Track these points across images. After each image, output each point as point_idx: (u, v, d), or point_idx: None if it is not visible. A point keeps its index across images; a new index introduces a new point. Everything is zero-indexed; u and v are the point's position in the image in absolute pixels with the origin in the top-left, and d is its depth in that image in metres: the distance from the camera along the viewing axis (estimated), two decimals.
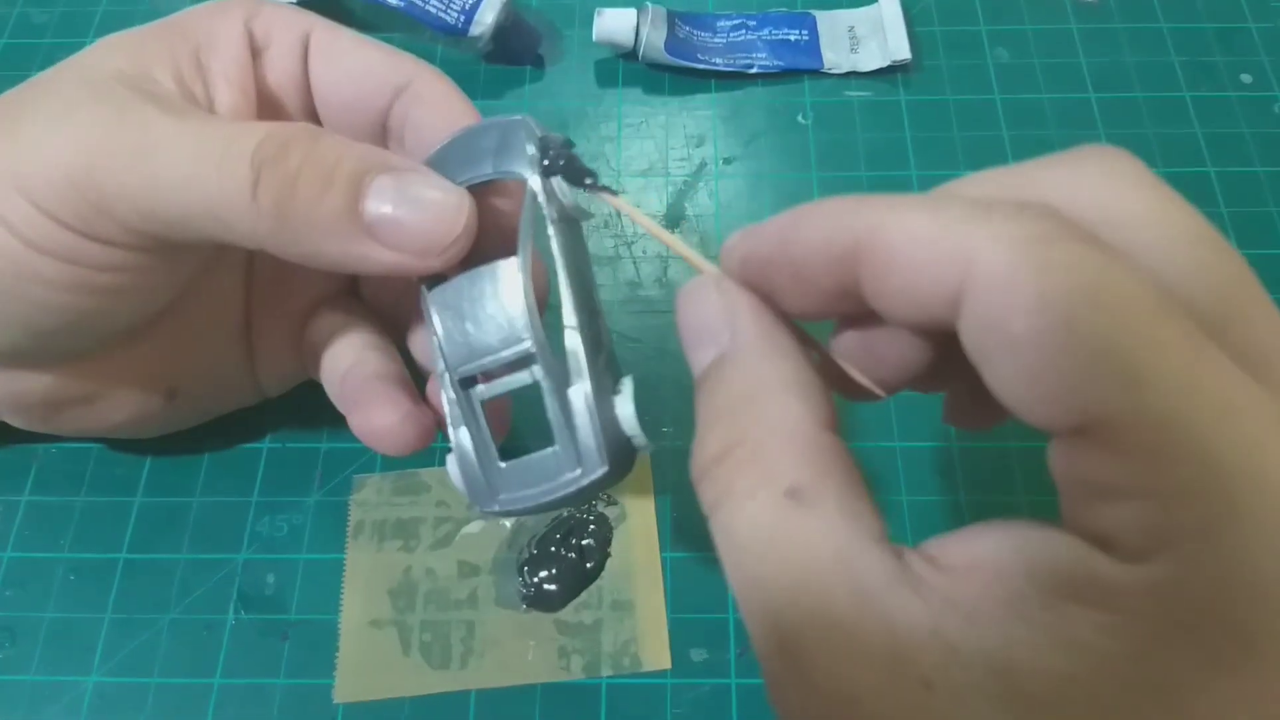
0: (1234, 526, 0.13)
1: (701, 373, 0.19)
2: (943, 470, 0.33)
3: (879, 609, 0.15)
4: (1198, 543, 0.13)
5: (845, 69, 0.43)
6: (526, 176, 0.22)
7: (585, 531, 0.32)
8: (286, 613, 0.31)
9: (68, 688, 0.30)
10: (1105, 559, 0.14)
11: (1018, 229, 0.15)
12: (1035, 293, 0.14)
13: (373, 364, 0.27)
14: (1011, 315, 0.14)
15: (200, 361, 0.30)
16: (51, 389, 0.27)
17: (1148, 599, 0.14)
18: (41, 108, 0.23)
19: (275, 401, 0.34)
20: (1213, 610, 0.13)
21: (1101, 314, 0.14)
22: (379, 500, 0.33)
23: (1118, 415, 0.14)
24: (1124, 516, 0.14)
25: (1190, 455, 0.13)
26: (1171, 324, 0.14)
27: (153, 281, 0.25)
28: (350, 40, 0.27)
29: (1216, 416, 0.13)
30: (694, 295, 0.19)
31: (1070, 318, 0.14)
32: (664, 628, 0.31)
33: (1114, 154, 0.17)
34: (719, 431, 0.17)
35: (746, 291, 0.19)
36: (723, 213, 0.39)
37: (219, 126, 0.22)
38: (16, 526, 0.33)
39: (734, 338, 0.18)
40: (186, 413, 0.31)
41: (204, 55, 0.25)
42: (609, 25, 0.42)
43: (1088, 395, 0.14)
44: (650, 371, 0.35)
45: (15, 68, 0.44)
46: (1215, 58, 0.43)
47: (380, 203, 0.22)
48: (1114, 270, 0.14)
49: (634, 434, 0.22)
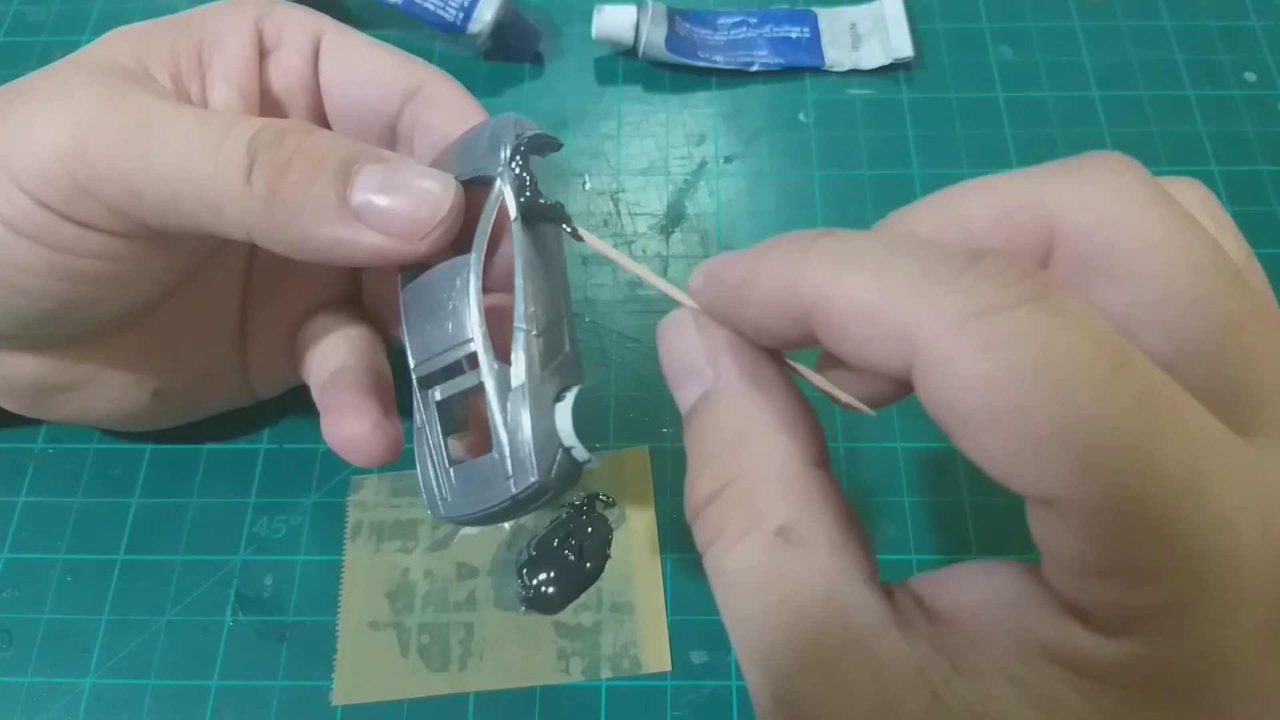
0: (1202, 605, 0.13)
1: (688, 410, 0.19)
2: (944, 471, 0.33)
3: (868, 651, 0.15)
4: (1166, 621, 0.13)
5: (847, 67, 0.43)
6: (494, 174, 0.22)
7: (585, 533, 0.32)
8: (284, 614, 0.31)
9: (65, 689, 0.30)
10: (1083, 631, 0.14)
11: (961, 302, 0.14)
12: (977, 377, 0.13)
13: (354, 371, 0.27)
14: (958, 398, 0.14)
15: (191, 359, 0.29)
16: (38, 373, 0.27)
17: (1123, 671, 0.14)
18: (36, 92, 0.23)
19: (273, 402, 0.34)
20: (1186, 684, 0.13)
21: (1047, 393, 0.13)
22: (377, 501, 0.33)
23: (1074, 498, 0.13)
24: (1095, 593, 0.14)
25: (1149, 536, 0.13)
26: (1127, 392, 0.13)
27: (133, 271, 0.24)
28: (362, 43, 0.27)
29: (1177, 493, 0.13)
30: (673, 331, 0.19)
31: (1017, 399, 0.13)
32: (664, 630, 0.31)
33: (1123, 166, 0.17)
34: (709, 473, 0.17)
35: (723, 328, 0.18)
36: (723, 211, 0.39)
37: (217, 115, 0.22)
38: (13, 527, 0.33)
39: (718, 376, 0.18)
40: (176, 409, 0.31)
41: (207, 52, 0.25)
42: (609, 22, 0.42)
43: (1042, 477, 0.14)
44: (649, 371, 0.35)
45: (11, 65, 0.43)
46: (1219, 56, 0.43)
47: (368, 187, 0.22)
48: (1064, 339, 0.13)
49: (571, 445, 0.21)
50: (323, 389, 0.27)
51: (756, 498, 0.17)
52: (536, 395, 0.21)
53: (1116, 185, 0.16)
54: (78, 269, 0.23)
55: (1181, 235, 0.16)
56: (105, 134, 0.22)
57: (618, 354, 0.36)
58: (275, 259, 0.30)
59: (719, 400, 0.18)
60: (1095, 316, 0.14)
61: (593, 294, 0.25)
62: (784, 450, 0.17)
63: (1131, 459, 0.13)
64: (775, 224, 0.39)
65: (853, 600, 0.16)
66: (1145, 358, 0.14)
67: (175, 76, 0.24)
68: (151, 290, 0.26)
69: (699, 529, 0.18)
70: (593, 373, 0.35)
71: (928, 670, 0.15)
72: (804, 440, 0.17)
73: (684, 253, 0.38)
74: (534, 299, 0.21)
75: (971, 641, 0.15)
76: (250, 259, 0.30)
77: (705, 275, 0.18)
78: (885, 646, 0.15)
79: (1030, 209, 0.17)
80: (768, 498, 0.17)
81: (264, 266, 0.30)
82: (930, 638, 0.15)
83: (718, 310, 0.18)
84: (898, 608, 0.16)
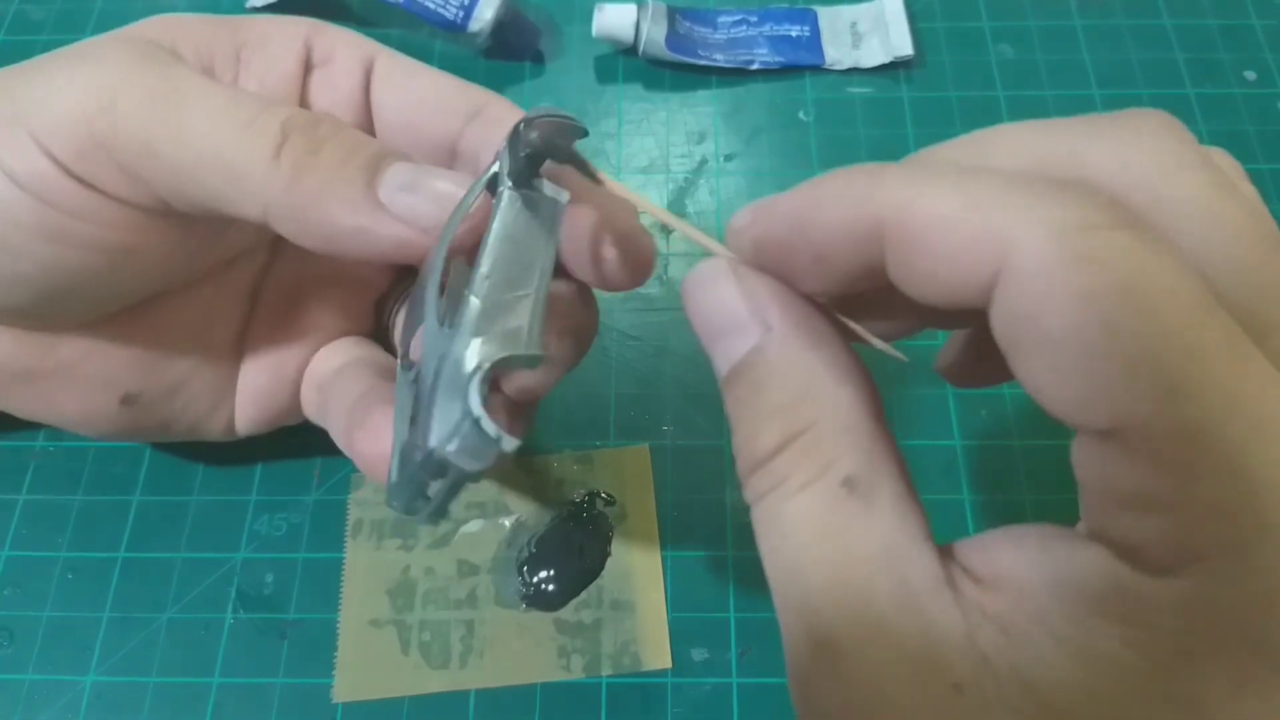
0: (1263, 545, 0.13)
1: (734, 367, 0.18)
2: (946, 468, 0.33)
3: (919, 610, 0.15)
4: (1226, 560, 0.13)
5: (847, 65, 0.43)
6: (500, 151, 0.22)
7: (585, 531, 0.32)
8: (285, 612, 0.31)
9: (66, 687, 0.30)
10: (1130, 570, 0.14)
11: (1058, 214, 0.14)
12: (1073, 289, 0.13)
13: (388, 390, 0.26)
14: (1047, 311, 0.14)
15: (171, 371, 0.28)
16: (6, 351, 0.26)
17: (1173, 614, 0.13)
18: (66, 56, 0.23)
19: None
20: (1239, 628, 0.13)
21: (1141, 316, 0.13)
22: (378, 499, 0.33)
23: (1151, 424, 0.13)
24: (1151, 528, 0.14)
25: (1223, 470, 0.13)
26: (1214, 328, 0.13)
27: (134, 247, 0.24)
28: (418, 66, 0.27)
29: (1253, 431, 0.13)
30: (708, 283, 0.18)
31: (1108, 318, 0.13)
32: (664, 627, 0.31)
33: (1166, 127, 0.16)
34: (777, 425, 0.17)
35: (766, 276, 0.18)
36: (724, 210, 0.39)
37: (253, 95, 0.22)
38: (14, 525, 0.33)
39: (771, 328, 0.17)
40: (145, 423, 0.29)
41: (247, 53, 0.25)
42: (609, 21, 0.42)
43: (1121, 401, 0.13)
44: (649, 369, 0.35)
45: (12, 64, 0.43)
46: (1219, 54, 0.43)
47: (397, 179, 0.22)
48: (1158, 266, 0.13)
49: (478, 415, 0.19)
50: (353, 406, 0.26)
51: (825, 448, 0.16)
52: (458, 361, 0.20)
53: (1158, 147, 0.16)
54: (79, 235, 0.23)
55: (1223, 201, 0.15)
56: (135, 91, 0.21)
57: (618, 352, 0.36)
58: (290, 282, 0.30)
59: (778, 352, 0.17)
60: (1179, 252, 0.14)
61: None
62: (850, 401, 0.17)
63: (1217, 391, 0.13)
64: None
65: (910, 557, 0.15)
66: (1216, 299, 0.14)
67: (208, 69, 0.24)
68: (146, 279, 0.26)
69: (758, 480, 0.17)
70: (593, 371, 0.35)
71: (977, 633, 0.15)
72: (865, 392, 0.17)
73: (684, 251, 0.38)
74: (493, 265, 0.20)
75: (1016, 603, 0.15)
76: (261, 278, 0.30)
77: (754, 209, 0.18)
78: (937, 607, 0.15)
79: (1067, 163, 0.16)
80: (836, 448, 0.16)
81: (276, 289, 0.30)
82: (979, 601, 0.15)
83: (770, 244, 0.17)
84: (949, 570, 0.15)
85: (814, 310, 0.18)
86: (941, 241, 0.15)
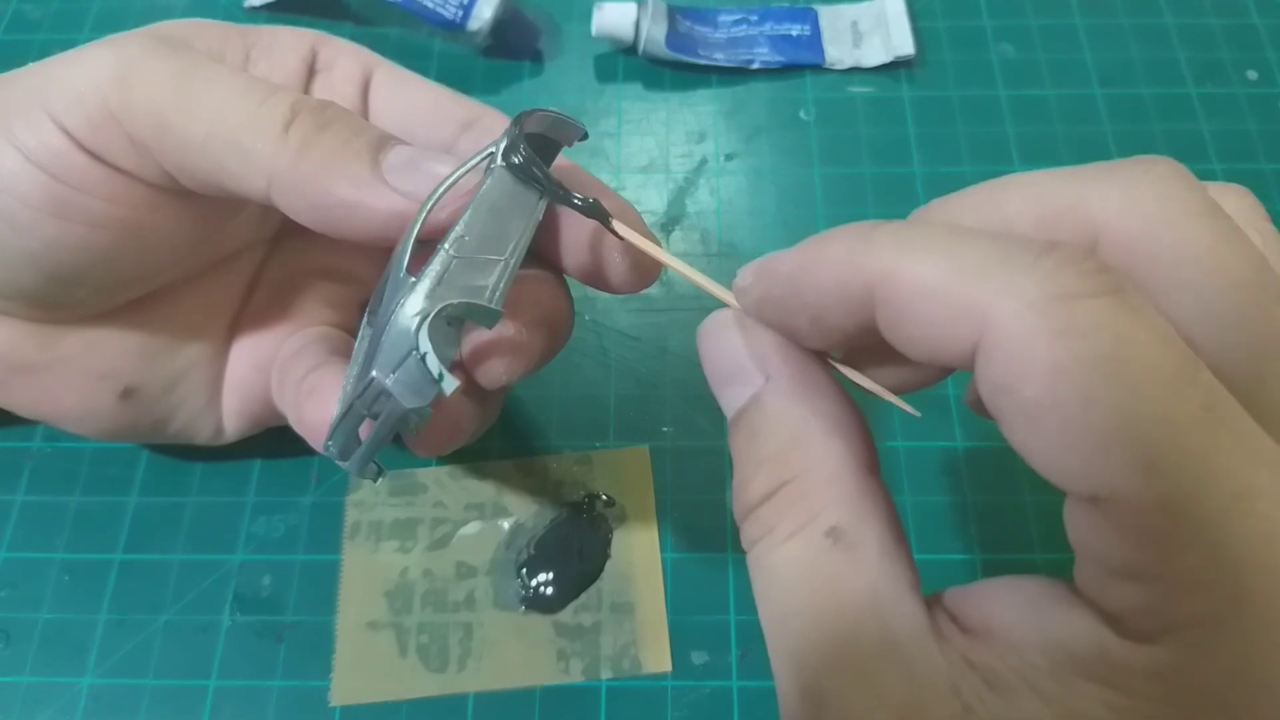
0: (1240, 618, 0.13)
1: (736, 413, 0.19)
2: (947, 471, 0.33)
3: (903, 658, 0.15)
4: (1203, 631, 0.13)
5: (848, 64, 0.42)
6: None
7: (584, 533, 0.32)
8: (282, 614, 0.31)
9: (62, 689, 0.30)
10: (1114, 637, 0.14)
11: (1037, 285, 0.14)
12: (1050, 362, 0.13)
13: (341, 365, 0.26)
14: (1025, 382, 0.14)
15: (169, 364, 0.29)
16: (7, 342, 0.27)
17: (1154, 682, 0.14)
18: (91, 45, 0.24)
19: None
20: (1217, 698, 0.13)
21: (1119, 387, 0.13)
22: (375, 501, 0.33)
23: (1130, 497, 0.13)
24: (1134, 596, 0.14)
25: (1200, 543, 0.13)
26: (1193, 398, 0.13)
27: (140, 225, 0.24)
28: (415, 78, 0.28)
29: (1230, 503, 0.13)
30: (716, 333, 0.19)
31: (1086, 390, 0.13)
32: (664, 630, 0.31)
33: (1172, 174, 0.16)
34: (764, 474, 0.18)
35: (768, 330, 0.19)
36: (724, 209, 0.39)
37: (264, 80, 0.23)
38: (11, 527, 0.33)
39: (769, 378, 0.18)
40: (141, 420, 0.29)
41: (256, 54, 0.26)
42: (609, 20, 0.42)
43: (1101, 473, 0.14)
44: (650, 370, 0.35)
45: (9, 63, 0.43)
46: (1221, 54, 0.43)
47: (399, 158, 0.23)
48: (1137, 335, 0.13)
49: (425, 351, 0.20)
50: (305, 377, 0.26)
51: (811, 498, 0.17)
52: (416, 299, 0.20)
53: (1163, 194, 0.16)
54: (86, 211, 0.23)
55: (1226, 250, 0.15)
56: (151, 67, 0.22)
57: (617, 353, 0.36)
58: (283, 277, 0.30)
59: (772, 402, 0.18)
60: (1163, 319, 0.14)
61: (593, 292, 0.25)
62: (838, 453, 0.17)
63: (1194, 464, 0.13)
64: (776, 222, 0.39)
65: (894, 607, 0.16)
66: (1204, 365, 0.14)
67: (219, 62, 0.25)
68: (150, 265, 0.26)
69: (749, 527, 0.18)
70: (593, 372, 0.35)
71: (961, 684, 0.15)
72: (856, 444, 0.18)
73: (684, 251, 0.38)
74: (468, 225, 0.21)
75: (1003, 656, 0.15)
76: (258, 273, 0.30)
77: (755, 270, 0.18)
78: (920, 656, 0.15)
79: (1075, 212, 0.17)
80: (821, 499, 0.17)
81: (269, 283, 0.30)
82: (965, 652, 0.15)
83: (770, 304, 0.18)
84: (935, 620, 0.16)
85: (814, 361, 0.18)
86: (925, 310, 0.15)
